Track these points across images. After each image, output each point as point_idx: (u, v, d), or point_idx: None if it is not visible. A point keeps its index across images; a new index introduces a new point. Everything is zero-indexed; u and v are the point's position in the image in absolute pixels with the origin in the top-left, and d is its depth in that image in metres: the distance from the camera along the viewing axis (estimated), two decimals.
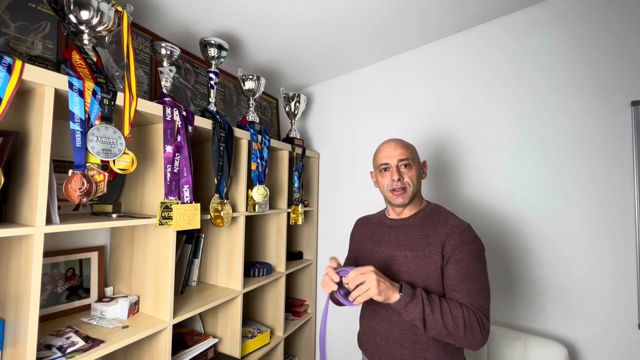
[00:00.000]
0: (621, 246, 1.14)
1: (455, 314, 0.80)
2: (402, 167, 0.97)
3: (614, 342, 1.14)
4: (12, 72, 0.70)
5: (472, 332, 0.79)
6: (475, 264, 0.87)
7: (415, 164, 0.99)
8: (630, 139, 1.14)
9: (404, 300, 0.80)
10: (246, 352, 1.46)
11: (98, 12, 0.91)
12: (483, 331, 0.81)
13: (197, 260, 1.46)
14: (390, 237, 1.02)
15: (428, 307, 0.80)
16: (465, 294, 0.84)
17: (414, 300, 0.80)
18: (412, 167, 0.98)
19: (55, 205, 0.81)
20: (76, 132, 0.81)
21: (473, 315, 0.81)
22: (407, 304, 0.80)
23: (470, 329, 0.79)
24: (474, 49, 1.50)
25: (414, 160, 0.99)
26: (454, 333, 0.79)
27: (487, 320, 0.83)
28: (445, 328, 0.79)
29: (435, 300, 0.82)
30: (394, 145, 1.00)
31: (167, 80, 1.20)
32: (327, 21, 1.44)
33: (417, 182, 0.99)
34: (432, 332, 0.81)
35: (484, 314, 0.83)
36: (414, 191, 0.98)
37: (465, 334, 0.79)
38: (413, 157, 1.00)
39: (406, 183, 0.97)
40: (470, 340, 0.80)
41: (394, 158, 0.98)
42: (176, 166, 1.08)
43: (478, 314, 0.82)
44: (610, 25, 1.19)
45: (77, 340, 0.89)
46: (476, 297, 0.84)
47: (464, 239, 0.89)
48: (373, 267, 0.82)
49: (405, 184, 0.97)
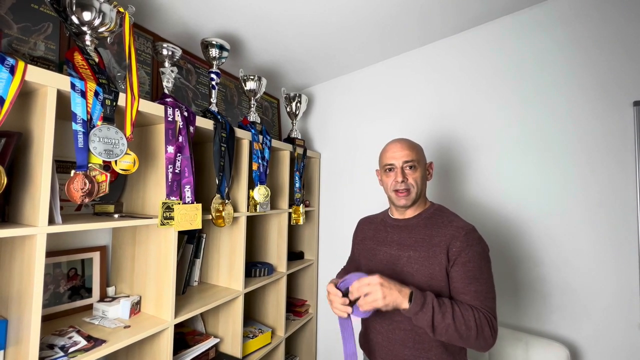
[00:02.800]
0: (623, 246, 1.14)
1: (467, 317, 0.79)
2: (407, 169, 0.97)
3: (616, 343, 1.14)
4: (14, 73, 0.70)
5: (484, 334, 0.79)
6: (481, 266, 0.87)
7: (420, 165, 0.98)
8: (632, 138, 1.13)
9: (413, 309, 0.79)
10: (247, 352, 1.46)
11: (100, 13, 0.92)
12: (493, 333, 0.81)
13: (198, 260, 1.46)
14: (394, 237, 1.01)
15: (439, 315, 0.79)
16: (473, 296, 0.84)
17: (423, 309, 0.79)
18: (417, 168, 0.97)
19: (57, 205, 0.82)
20: (78, 132, 0.81)
21: (484, 317, 0.81)
22: (417, 312, 0.79)
23: (481, 331, 0.79)
24: (475, 49, 1.50)
25: (419, 162, 0.98)
26: (466, 337, 0.79)
27: (495, 321, 0.83)
28: (457, 332, 0.78)
29: (446, 306, 0.80)
30: (401, 146, 0.99)
31: (169, 81, 1.21)
32: (327, 21, 1.44)
33: (422, 184, 0.99)
34: (443, 338, 0.80)
35: (492, 315, 0.83)
36: (417, 193, 0.97)
37: (477, 337, 0.79)
38: (419, 158, 0.99)
39: (410, 185, 0.96)
40: (482, 342, 0.80)
41: (399, 159, 0.97)
42: (178, 166, 1.08)
43: (488, 315, 0.82)
44: (612, 25, 1.18)
45: (79, 339, 0.90)
46: (484, 299, 0.84)
47: (469, 241, 0.88)
48: (379, 277, 0.80)
49: (409, 185, 0.96)
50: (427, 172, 1.03)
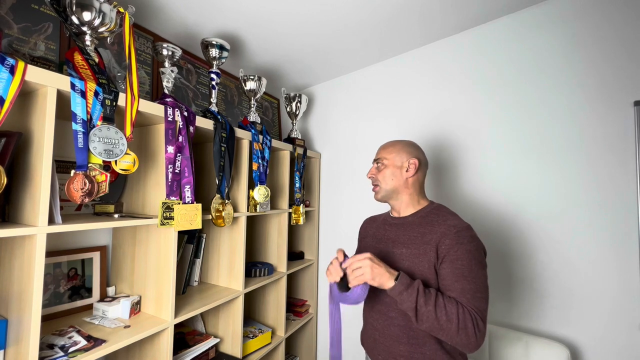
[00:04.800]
0: (624, 246, 1.14)
1: (450, 309, 0.79)
2: (375, 165, 1.06)
3: (616, 343, 1.13)
4: (14, 73, 0.70)
5: (466, 331, 0.78)
6: (471, 264, 0.85)
7: (390, 163, 1.03)
8: (633, 139, 1.13)
9: (398, 288, 0.81)
10: (247, 352, 1.46)
11: (100, 13, 0.92)
12: (477, 333, 0.78)
13: (198, 260, 1.46)
14: (390, 234, 1.03)
15: (422, 298, 0.80)
16: (459, 293, 0.83)
17: (408, 290, 0.81)
18: (387, 166, 1.03)
19: (57, 205, 0.82)
20: (78, 132, 0.81)
21: (468, 314, 0.79)
22: (402, 292, 0.81)
23: (463, 327, 0.78)
24: (475, 48, 1.50)
25: (389, 160, 1.03)
26: (446, 329, 0.78)
27: (482, 323, 0.80)
28: (437, 321, 0.78)
29: (431, 294, 0.81)
30: (382, 145, 1.09)
31: (169, 81, 1.21)
32: (328, 21, 1.44)
33: (392, 181, 1.01)
34: (424, 325, 0.80)
35: (479, 316, 0.80)
36: (386, 189, 1.02)
37: (457, 332, 0.78)
38: (391, 157, 1.03)
39: (377, 180, 1.04)
40: (464, 339, 0.78)
41: (375, 157, 1.07)
42: (177, 166, 1.08)
43: (474, 314, 0.80)
44: (612, 24, 1.18)
45: (79, 339, 0.90)
46: (472, 298, 0.82)
47: (459, 239, 0.87)
48: (369, 254, 0.86)
49: (377, 180, 1.05)
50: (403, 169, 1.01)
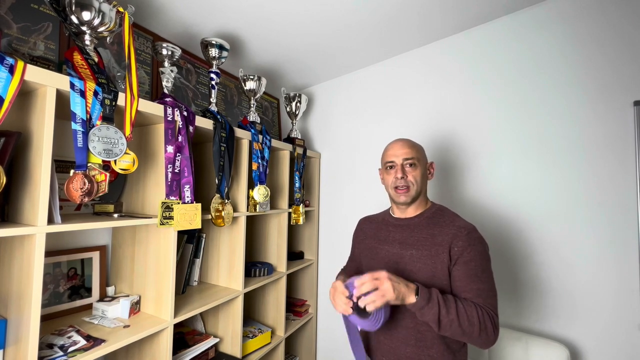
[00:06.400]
0: (624, 247, 1.14)
1: (470, 314, 0.81)
2: (407, 166, 0.99)
3: (616, 343, 1.13)
4: (14, 73, 0.70)
5: (487, 331, 0.81)
6: (483, 264, 0.89)
7: (420, 164, 1.01)
8: (632, 139, 1.13)
9: (420, 303, 0.81)
10: (247, 352, 1.46)
11: (99, 12, 0.92)
12: (495, 329, 0.83)
13: (198, 260, 1.46)
14: (395, 235, 1.02)
15: (444, 309, 0.81)
16: (475, 294, 0.86)
17: (430, 303, 0.81)
18: (417, 167, 0.99)
19: (57, 205, 0.82)
20: (78, 132, 0.81)
21: (486, 314, 0.83)
22: (423, 306, 0.81)
23: (484, 327, 0.81)
24: (475, 48, 1.49)
25: (419, 160, 1.00)
26: (469, 333, 0.81)
27: (497, 318, 0.85)
28: (460, 328, 0.80)
29: (450, 301, 0.83)
30: (402, 144, 1.02)
31: (169, 81, 1.21)
32: (328, 21, 1.44)
33: (422, 182, 1.00)
34: (447, 333, 0.82)
35: (494, 312, 0.85)
36: (417, 190, 0.99)
37: (480, 334, 0.81)
38: (419, 157, 1.01)
39: (410, 182, 0.98)
40: (484, 338, 0.82)
41: (399, 157, 1.00)
42: (177, 166, 1.08)
43: (490, 312, 0.84)
44: (612, 24, 1.18)
45: (78, 339, 0.90)
46: (487, 297, 0.86)
47: (471, 241, 0.90)
48: (386, 272, 0.81)
49: (408, 182, 0.98)
50: (427, 171, 1.05)
